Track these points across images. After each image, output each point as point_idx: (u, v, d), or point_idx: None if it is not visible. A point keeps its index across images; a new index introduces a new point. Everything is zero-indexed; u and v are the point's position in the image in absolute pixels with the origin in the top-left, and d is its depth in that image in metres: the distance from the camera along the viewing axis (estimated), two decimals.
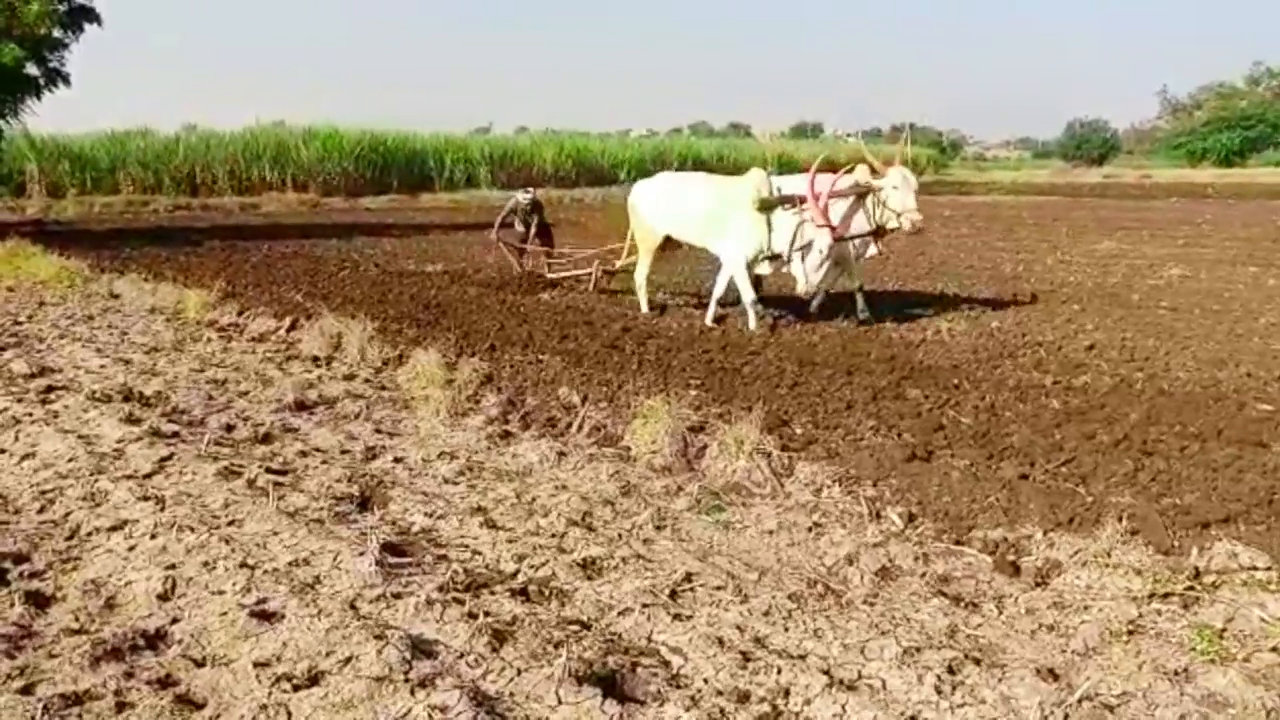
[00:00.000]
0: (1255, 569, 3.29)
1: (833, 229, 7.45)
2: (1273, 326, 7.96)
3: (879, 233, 8.13)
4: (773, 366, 6.46)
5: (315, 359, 7.19)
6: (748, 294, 8.09)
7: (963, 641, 3.07)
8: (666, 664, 2.87)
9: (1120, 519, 3.61)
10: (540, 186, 34.16)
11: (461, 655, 2.82)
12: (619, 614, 3.16)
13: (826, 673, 2.80)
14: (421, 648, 2.84)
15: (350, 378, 6.63)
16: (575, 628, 3.07)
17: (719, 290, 8.39)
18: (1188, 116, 55.20)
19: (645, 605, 3.20)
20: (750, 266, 8.03)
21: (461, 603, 3.16)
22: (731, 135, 68.86)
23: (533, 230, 11.67)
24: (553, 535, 3.85)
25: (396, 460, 4.88)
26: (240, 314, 8.69)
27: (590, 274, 10.41)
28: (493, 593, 3.31)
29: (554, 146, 36.77)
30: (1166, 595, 3.25)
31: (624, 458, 4.91)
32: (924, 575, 3.54)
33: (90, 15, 18.27)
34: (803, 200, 7.51)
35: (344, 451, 5.01)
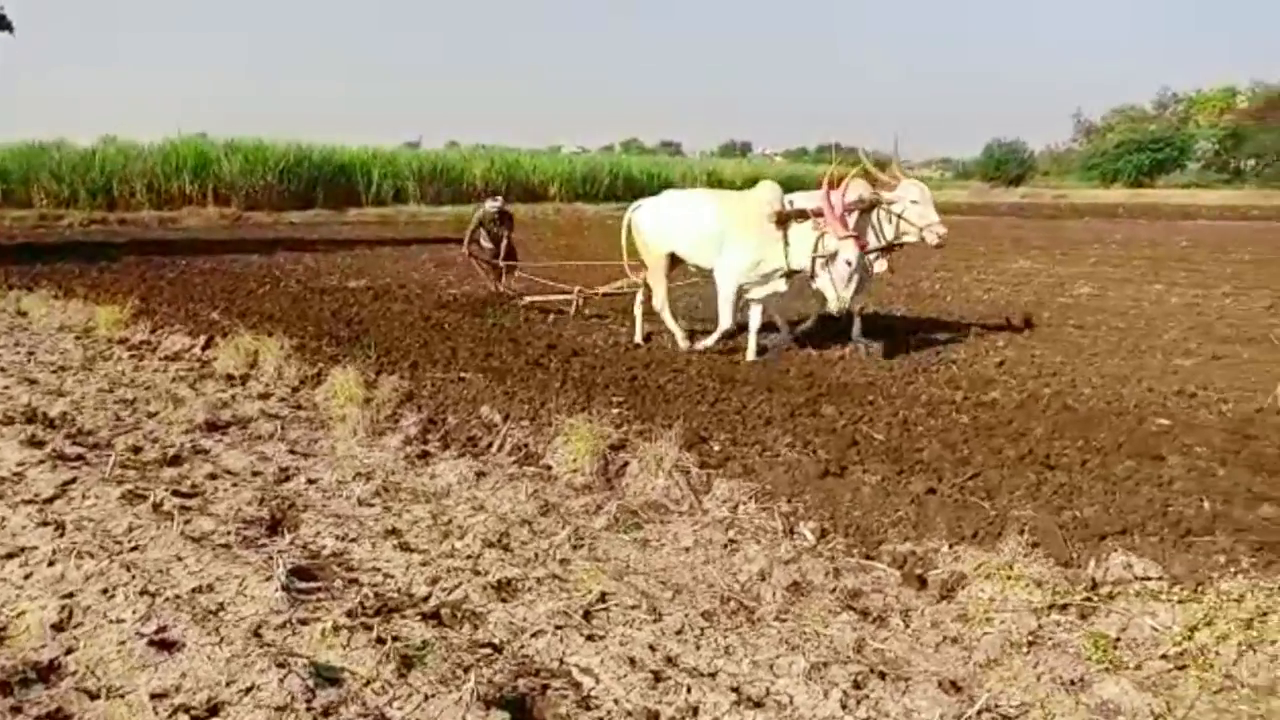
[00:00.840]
0: (1148, 579, 3.42)
1: (856, 238, 7.01)
2: (1174, 343, 8.29)
3: (889, 249, 7.84)
4: (695, 384, 6.51)
5: (230, 378, 7.03)
6: (727, 318, 7.64)
7: (870, 656, 3.14)
8: (577, 685, 2.87)
9: (1022, 532, 3.72)
10: (472, 202, 34.23)
11: (368, 682, 2.78)
12: (532, 636, 3.15)
13: (735, 690, 2.83)
14: (326, 675, 2.80)
15: (265, 397, 6.50)
16: (487, 651, 3.05)
17: (753, 322, 7.74)
18: (1100, 139, 57.38)
19: (559, 626, 3.20)
20: (763, 283, 7.51)
21: (370, 628, 3.11)
22: (663, 153, 69.53)
23: (504, 244, 11.03)
24: (468, 557, 3.82)
25: (310, 482, 4.79)
26: (153, 332, 8.45)
27: (572, 299, 9.82)
28: (403, 617, 3.27)
29: (484, 161, 36.58)
30: (1065, 606, 3.36)
31: (544, 477, 4.90)
32: (834, 590, 3.60)
33: (1, 23, 17.69)
34: (818, 214, 7.07)
35: (255, 473, 4.91)
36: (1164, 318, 9.80)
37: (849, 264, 6.91)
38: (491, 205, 11.12)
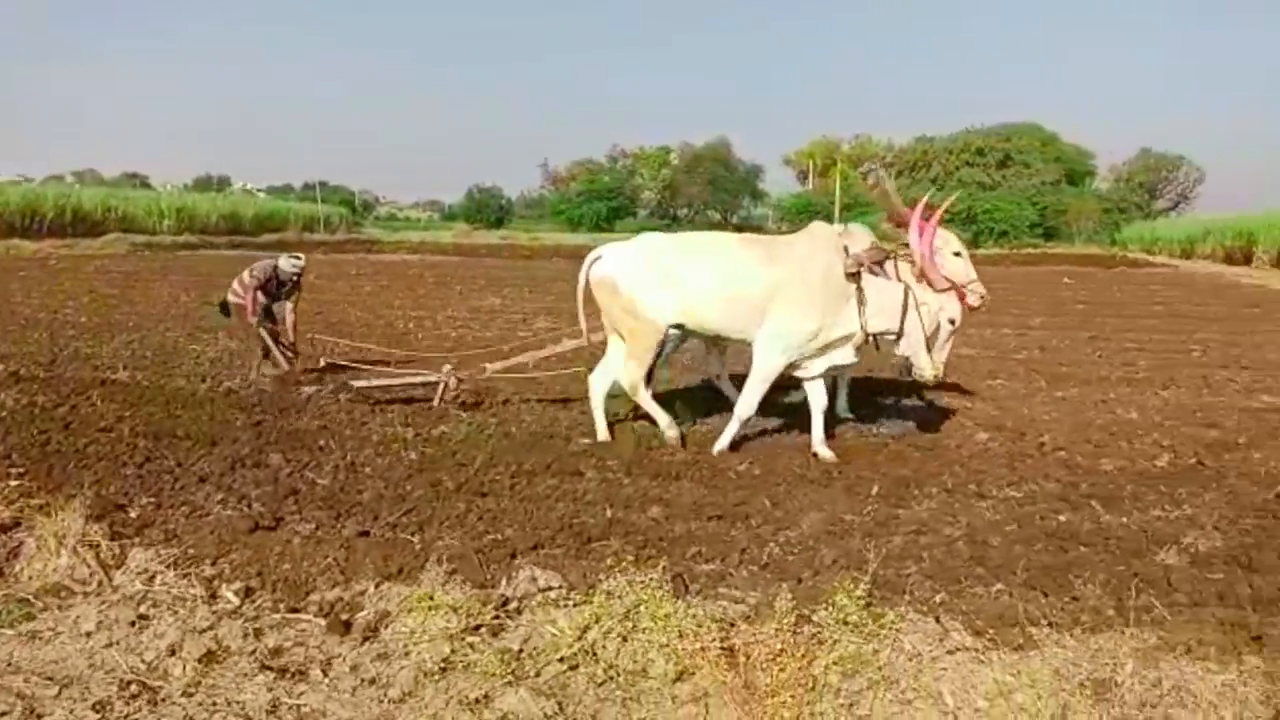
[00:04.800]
0: (550, 589, 3.76)
1: (958, 289, 5.86)
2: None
3: None
4: (123, 444, 5.85)
5: None
6: (754, 401, 5.95)
7: (286, 714, 3.04)
8: None
9: (441, 561, 3.88)
10: None
11: None
12: None
13: None
14: None
15: None
16: None
17: (818, 401, 6.08)
18: (565, 187, 63.13)
19: None
20: (820, 355, 5.93)
21: None
22: (126, 184, 62.25)
23: (288, 316, 8.41)
24: None
25: None
26: None
27: (441, 381, 7.36)
28: None
29: None
30: (478, 627, 3.55)
31: None
32: (254, 652, 3.43)
33: None
34: (901, 256, 5.93)
35: None
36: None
37: (953, 323, 5.86)
38: (289, 266, 8.29)
